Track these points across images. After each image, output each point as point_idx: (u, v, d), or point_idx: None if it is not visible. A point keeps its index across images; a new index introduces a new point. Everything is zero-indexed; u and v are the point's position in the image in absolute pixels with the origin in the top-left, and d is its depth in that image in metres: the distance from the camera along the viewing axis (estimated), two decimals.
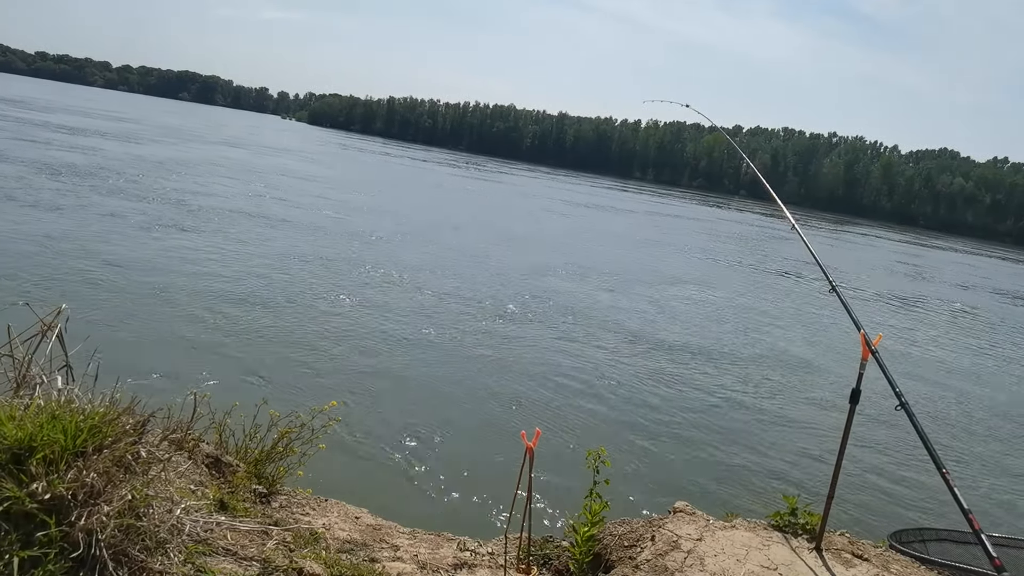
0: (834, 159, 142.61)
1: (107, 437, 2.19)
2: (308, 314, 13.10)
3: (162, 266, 14.72)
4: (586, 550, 3.75)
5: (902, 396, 3.28)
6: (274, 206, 26.32)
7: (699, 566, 3.32)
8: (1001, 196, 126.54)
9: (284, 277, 15.50)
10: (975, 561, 3.72)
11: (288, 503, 3.79)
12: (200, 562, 2.36)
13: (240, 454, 3.87)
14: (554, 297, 17.83)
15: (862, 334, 3.42)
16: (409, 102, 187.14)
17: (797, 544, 3.66)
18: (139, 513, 2.14)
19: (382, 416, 9.11)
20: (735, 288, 24.46)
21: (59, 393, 2.46)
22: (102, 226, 17.60)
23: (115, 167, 29.57)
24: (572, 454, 8.44)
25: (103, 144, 39.84)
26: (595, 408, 10.60)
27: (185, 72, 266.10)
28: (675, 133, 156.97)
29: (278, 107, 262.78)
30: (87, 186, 23.38)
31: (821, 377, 14.39)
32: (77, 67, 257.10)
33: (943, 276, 42.54)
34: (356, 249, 20.21)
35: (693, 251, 34.29)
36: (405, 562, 3.45)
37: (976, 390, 15.57)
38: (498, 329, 14.09)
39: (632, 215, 53.38)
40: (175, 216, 20.66)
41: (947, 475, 3.01)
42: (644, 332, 15.66)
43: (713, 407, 11.44)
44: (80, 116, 64.98)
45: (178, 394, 3.71)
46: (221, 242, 18.13)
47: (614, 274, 22.99)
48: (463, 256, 22.02)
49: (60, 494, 1.95)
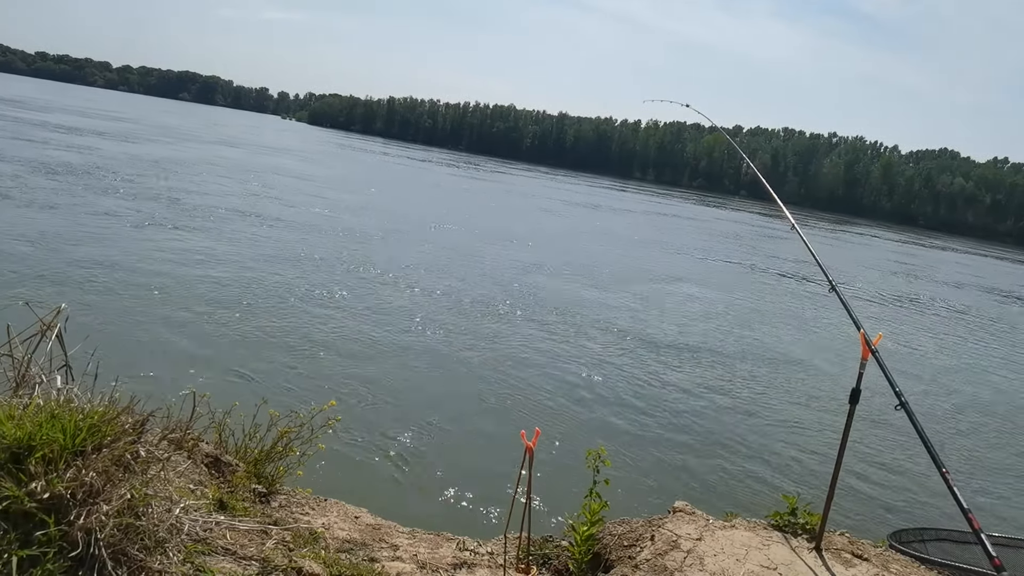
0: (834, 159, 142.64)
1: (106, 436, 2.19)
2: (307, 314, 13.09)
3: (160, 265, 14.72)
4: (585, 550, 3.75)
5: (902, 396, 3.28)
6: (270, 205, 26.32)
7: (699, 566, 3.32)
8: (1001, 196, 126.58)
9: (282, 277, 15.50)
10: (975, 561, 3.72)
11: (288, 503, 3.79)
12: (199, 561, 2.35)
13: (240, 454, 3.87)
14: (551, 297, 17.82)
15: (862, 334, 3.42)
16: (409, 102, 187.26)
17: (797, 544, 3.65)
18: (138, 512, 2.14)
19: (382, 415, 9.10)
20: (734, 288, 24.47)
21: (58, 392, 2.46)
22: (99, 225, 17.59)
23: (111, 166, 29.57)
24: (572, 453, 8.43)
25: (99, 143, 39.83)
26: (594, 407, 10.60)
27: (185, 72, 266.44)
28: (675, 133, 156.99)
29: (278, 107, 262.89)
30: (82, 185, 23.38)
31: (821, 377, 14.39)
32: (77, 67, 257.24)
33: (943, 276, 42.54)
34: (354, 249, 20.19)
35: (691, 251, 34.29)
36: (405, 562, 3.45)
37: (976, 390, 15.57)
38: (497, 329, 14.08)
39: (631, 215, 53.39)
40: (171, 215, 20.66)
41: (947, 475, 3.01)
42: (643, 332, 15.65)
43: (713, 406, 11.44)
44: (78, 116, 64.98)
45: (177, 394, 3.71)
46: (219, 241, 18.13)
47: (612, 274, 22.99)
48: (460, 255, 22.01)
49: (59, 493, 1.95)
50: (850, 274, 34.07)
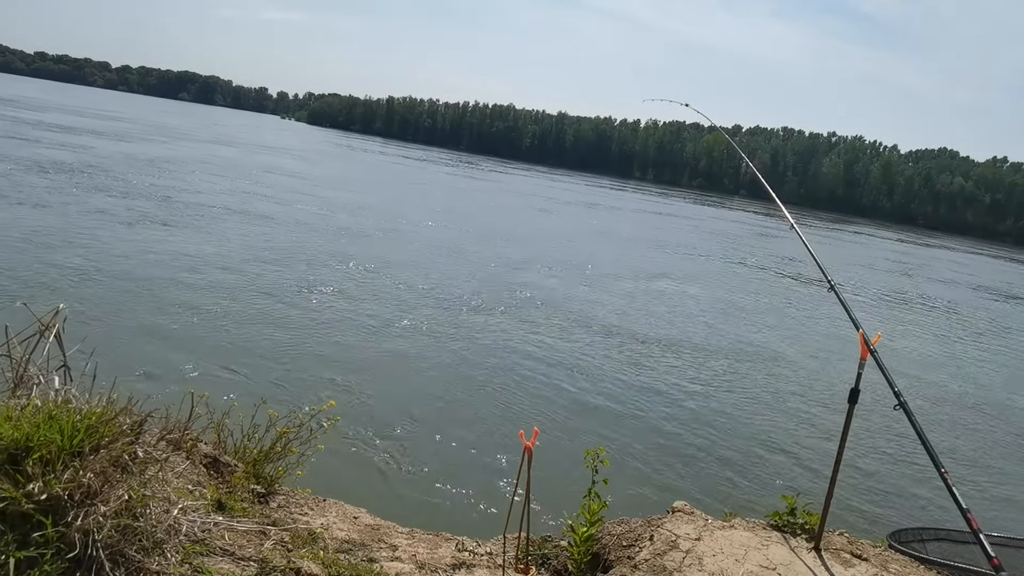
0: (834, 159, 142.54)
1: (104, 437, 2.19)
2: (305, 314, 13.09)
3: (155, 267, 14.71)
4: (584, 550, 3.75)
5: (901, 396, 3.28)
6: (264, 204, 26.30)
7: (697, 566, 3.32)
8: (1000, 196, 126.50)
9: (280, 275, 15.49)
10: (974, 561, 3.72)
11: (287, 503, 3.79)
12: (197, 562, 2.35)
13: (238, 454, 3.87)
14: (549, 297, 17.83)
15: (861, 333, 3.42)
16: (409, 102, 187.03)
17: (796, 544, 3.65)
18: (136, 513, 2.14)
19: (381, 416, 9.10)
20: (732, 287, 24.47)
21: (56, 393, 2.46)
22: (94, 224, 17.59)
23: (107, 165, 29.56)
24: (571, 453, 8.43)
25: (96, 143, 39.81)
26: (594, 407, 10.60)
27: (185, 72, 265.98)
28: (675, 133, 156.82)
29: (278, 107, 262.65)
30: (76, 183, 23.37)
31: (819, 376, 14.39)
32: (76, 67, 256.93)
33: (942, 275, 42.54)
34: (350, 248, 20.20)
35: (691, 250, 34.28)
36: (403, 562, 3.44)
37: (976, 390, 15.57)
38: (496, 328, 14.07)
39: (630, 214, 53.39)
40: (164, 214, 20.65)
41: (946, 475, 3.01)
42: (641, 332, 15.65)
43: (712, 406, 11.44)
44: (75, 115, 64.93)
45: (177, 394, 3.71)
46: (215, 241, 18.12)
47: (610, 273, 23.00)
48: (459, 255, 22.02)
49: (56, 494, 1.95)
50: (849, 274, 34.07)
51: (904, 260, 50.47)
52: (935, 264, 51.69)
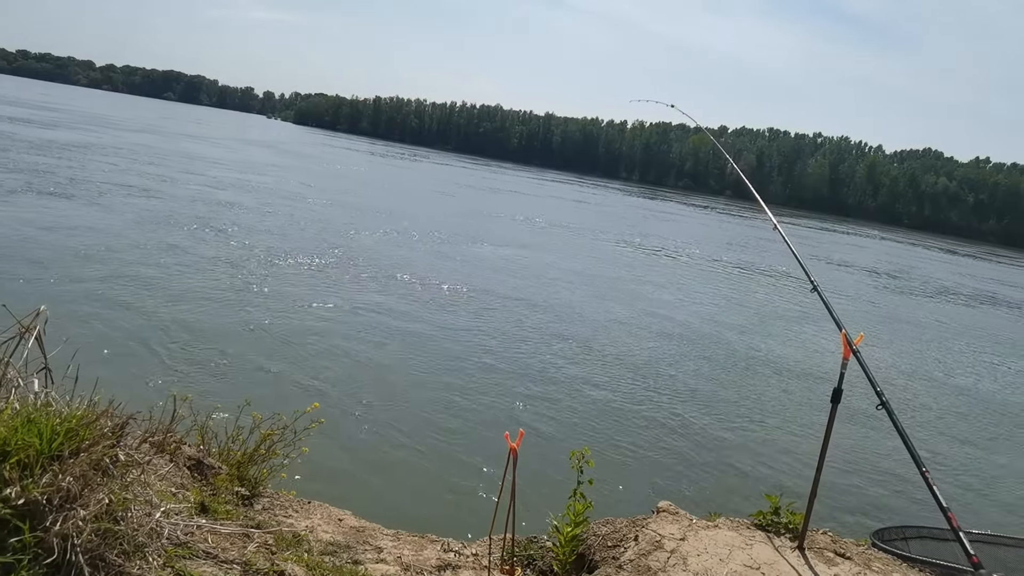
0: (819, 159, 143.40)
1: (84, 440, 2.17)
2: (296, 316, 13.03)
3: (142, 266, 14.62)
4: (570, 550, 3.76)
5: (883, 395, 3.31)
6: (252, 203, 26.20)
7: (682, 566, 3.33)
8: (984, 196, 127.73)
9: (271, 274, 15.42)
10: (955, 558, 3.75)
11: (271, 505, 3.77)
12: (180, 565, 2.33)
13: (223, 456, 3.84)
14: (539, 300, 17.86)
15: (843, 334, 3.44)
16: (395, 102, 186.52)
17: (780, 543, 3.68)
18: (117, 517, 2.12)
19: (365, 418, 9.08)
20: (715, 288, 24.59)
21: (36, 396, 2.43)
22: (90, 224, 17.45)
23: (100, 163, 29.33)
24: (556, 454, 8.43)
25: (93, 141, 39.49)
26: (579, 408, 10.62)
27: (170, 71, 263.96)
28: (661, 134, 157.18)
29: (264, 107, 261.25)
30: (72, 183, 23.19)
31: (803, 376, 14.48)
32: (60, 66, 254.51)
33: (926, 275, 42.91)
34: (349, 247, 20.14)
35: (681, 251, 34.40)
36: (389, 564, 3.44)
37: (957, 389, 15.73)
38: (482, 328, 14.08)
39: (624, 217, 53.54)
40: (157, 212, 20.52)
41: (927, 474, 3.04)
42: (626, 335, 15.70)
43: (697, 407, 11.49)
44: (72, 123, 64.33)
45: (160, 396, 3.68)
46: (207, 240, 18.02)
47: (600, 276, 23.06)
48: (444, 256, 22.00)
49: (34, 499, 1.93)
50: (833, 274, 34.31)
51: (889, 260, 50.87)
52: (919, 264, 52.13)
